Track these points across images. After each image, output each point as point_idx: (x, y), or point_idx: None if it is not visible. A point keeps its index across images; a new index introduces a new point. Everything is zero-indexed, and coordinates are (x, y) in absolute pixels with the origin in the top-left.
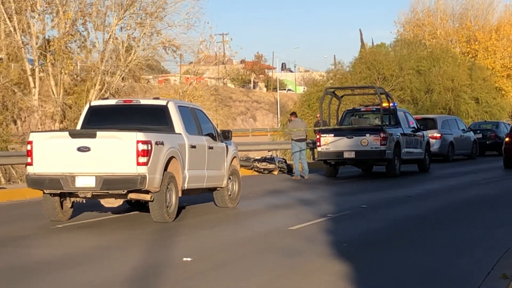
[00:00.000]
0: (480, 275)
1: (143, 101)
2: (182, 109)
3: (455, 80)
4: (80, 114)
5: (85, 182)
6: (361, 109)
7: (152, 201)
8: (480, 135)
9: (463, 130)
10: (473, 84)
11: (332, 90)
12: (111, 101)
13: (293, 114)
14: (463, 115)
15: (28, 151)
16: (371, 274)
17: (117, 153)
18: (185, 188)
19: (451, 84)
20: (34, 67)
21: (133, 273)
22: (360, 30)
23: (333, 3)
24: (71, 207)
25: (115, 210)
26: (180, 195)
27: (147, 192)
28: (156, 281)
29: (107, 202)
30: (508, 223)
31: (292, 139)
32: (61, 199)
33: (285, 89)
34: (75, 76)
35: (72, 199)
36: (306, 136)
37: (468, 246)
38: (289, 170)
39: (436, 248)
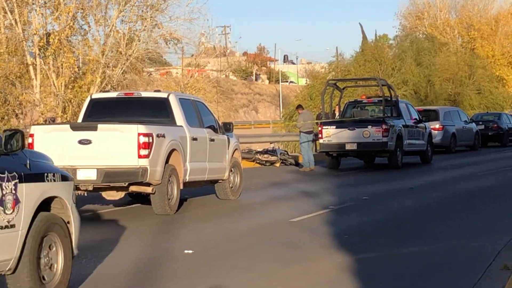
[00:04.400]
0: (481, 266)
1: (144, 94)
2: (183, 102)
3: (454, 71)
4: (81, 108)
5: (87, 175)
6: (363, 101)
7: (153, 193)
8: (482, 126)
9: (465, 121)
10: (473, 74)
11: (334, 82)
12: (112, 94)
13: (300, 107)
14: (466, 107)
15: (29, 144)
16: (372, 265)
17: (118, 146)
18: (187, 180)
19: (451, 75)
20: (35, 61)
21: (134, 265)
22: (360, 24)
23: None
24: None
25: (116, 203)
26: (181, 187)
27: (148, 184)
28: (158, 273)
29: (109, 195)
30: (510, 214)
31: (301, 131)
32: None
33: (287, 81)
34: (76, 70)
35: None
36: (313, 128)
37: (469, 237)
38: (296, 163)
39: (438, 239)
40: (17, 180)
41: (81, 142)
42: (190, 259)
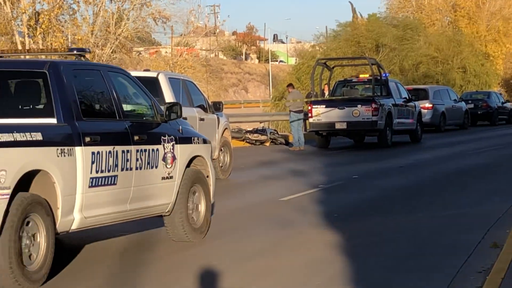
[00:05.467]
0: (471, 244)
1: (134, 73)
2: (172, 81)
3: (440, 52)
4: None
5: None
6: (353, 80)
7: None
8: (471, 105)
9: (455, 100)
10: (461, 52)
11: (323, 61)
12: None
13: (290, 85)
14: (451, 85)
15: None
16: (361, 243)
17: None
18: None
19: (438, 54)
20: (24, 40)
21: (127, 245)
22: (350, 2)
23: None
24: None
25: None
26: None
27: None
28: (151, 253)
29: None
30: (499, 192)
31: (290, 111)
32: None
33: (277, 61)
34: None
35: None
36: (303, 107)
37: (459, 215)
38: (286, 142)
39: (428, 217)
40: (174, 142)
41: None
42: None
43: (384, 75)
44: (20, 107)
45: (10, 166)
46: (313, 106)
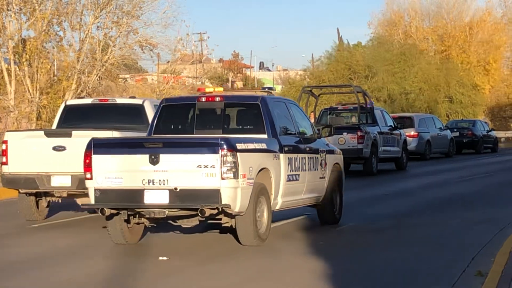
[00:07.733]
0: (455, 272)
1: (119, 100)
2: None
3: (429, 81)
4: (56, 114)
5: (61, 182)
6: (338, 108)
7: None
8: (457, 133)
9: (440, 128)
10: (449, 83)
11: (309, 89)
12: (87, 100)
13: None
14: (437, 114)
15: (3, 150)
16: (347, 272)
17: None
18: None
19: (425, 86)
20: (10, 67)
21: (108, 272)
22: (338, 29)
23: (309, 1)
24: (47, 207)
25: (91, 210)
26: None
27: None
28: (132, 280)
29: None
30: (483, 221)
31: None
32: (37, 199)
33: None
34: (51, 76)
35: (48, 198)
36: None
37: (443, 243)
38: None
39: (412, 245)
40: (325, 152)
41: (56, 148)
42: (165, 266)
43: (369, 102)
44: (241, 126)
45: (254, 164)
46: None
